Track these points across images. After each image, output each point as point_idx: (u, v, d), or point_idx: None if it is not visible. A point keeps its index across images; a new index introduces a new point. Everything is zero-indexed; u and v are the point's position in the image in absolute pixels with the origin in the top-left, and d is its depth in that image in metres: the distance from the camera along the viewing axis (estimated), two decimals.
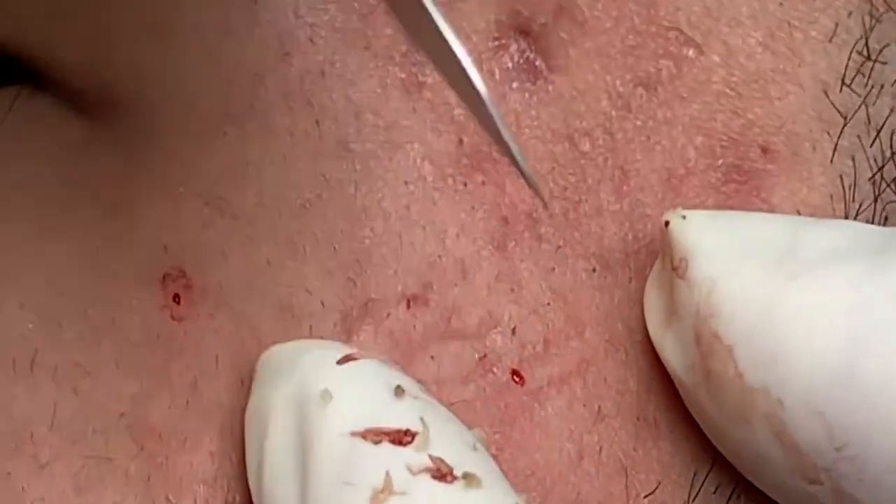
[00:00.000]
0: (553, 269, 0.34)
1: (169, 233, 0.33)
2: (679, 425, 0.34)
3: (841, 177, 0.35)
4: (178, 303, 0.33)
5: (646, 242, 0.35)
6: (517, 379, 0.33)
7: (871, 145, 0.35)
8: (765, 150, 0.34)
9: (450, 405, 0.32)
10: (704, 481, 0.34)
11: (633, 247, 0.35)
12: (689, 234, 0.32)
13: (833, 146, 0.35)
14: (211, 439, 0.32)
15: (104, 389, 0.32)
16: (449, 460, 0.28)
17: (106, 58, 0.32)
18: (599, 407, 0.33)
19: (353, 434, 0.29)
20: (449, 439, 0.29)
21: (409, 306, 0.33)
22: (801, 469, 0.30)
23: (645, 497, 0.33)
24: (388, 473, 0.27)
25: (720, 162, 0.34)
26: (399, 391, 0.29)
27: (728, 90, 0.35)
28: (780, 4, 0.35)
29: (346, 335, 0.33)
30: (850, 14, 0.34)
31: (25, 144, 0.33)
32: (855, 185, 0.35)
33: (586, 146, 0.34)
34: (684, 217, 0.33)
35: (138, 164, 0.33)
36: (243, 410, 0.32)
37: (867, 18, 0.34)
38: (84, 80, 0.32)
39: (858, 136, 0.35)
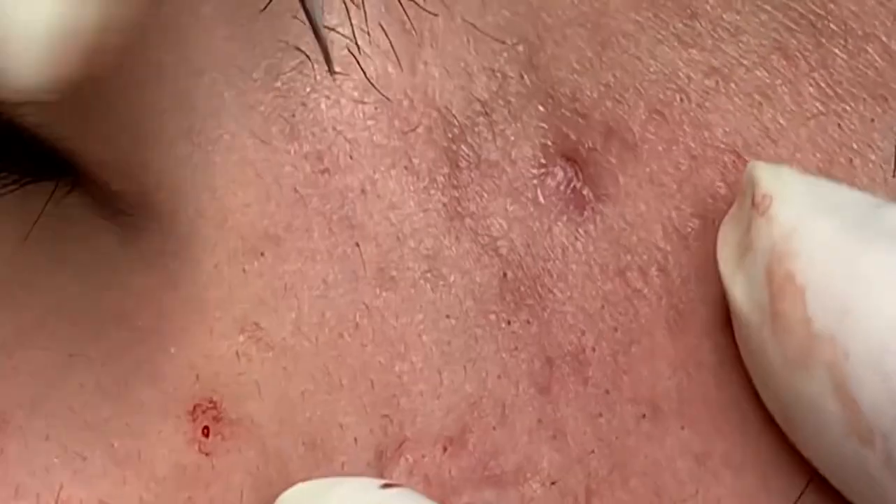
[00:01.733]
0: (600, 414, 0.33)
1: (201, 361, 0.32)
2: None
3: None
4: (207, 436, 0.32)
5: (700, 390, 0.33)
6: None
7: None
8: None
9: None
10: None
11: (686, 393, 0.33)
12: (776, 175, 0.31)
13: None
14: None
15: None
16: None
17: (144, 160, 0.32)
18: None
19: None
20: None
21: (445, 449, 0.32)
22: (856, 428, 0.30)
23: None
24: None
25: None
26: None
27: None
28: (839, 126, 0.33)
29: (379, 474, 0.32)
30: None
31: (57, 250, 0.33)
32: None
33: (639, 283, 0.33)
34: (770, 165, 0.32)
35: (173, 284, 0.32)
36: None
37: None
38: (122, 182, 0.32)
39: None
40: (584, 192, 0.33)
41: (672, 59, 0.33)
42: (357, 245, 0.32)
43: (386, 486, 0.30)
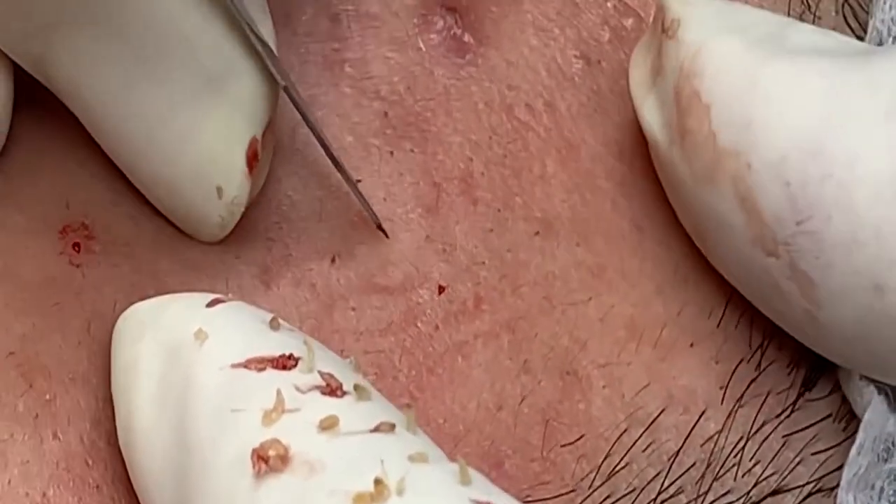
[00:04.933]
0: (491, 230, 0.32)
1: (72, 190, 0.32)
2: (615, 381, 0.32)
3: None
4: (78, 251, 0.31)
5: (596, 210, 0.33)
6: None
7: None
8: None
9: (365, 354, 0.31)
10: (637, 441, 0.32)
11: (582, 213, 0.33)
12: (677, 4, 0.32)
13: None
14: (98, 381, 0.31)
15: None
16: (343, 379, 0.27)
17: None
18: (526, 360, 0.32)
19: (234, 366, 0.28)
20: (331, 362, 0.28)
21: (333, 261, 0.32)
22: (761, 239, 0.30)
23: (563, 447, 0.32)
24: (279, 391, 0.26)
25: None
26: (275, 323, 0.29)
27: None
28: None
29: (265, 287, 0.32)
30: None
31: None
32: None
33: (527, 117, 0.33)
34: None
35: (48, 131, 0.32)
36: None
37: None
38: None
39: None
40: (465, 38, 0.33)
41: None
42: None
43: (213, 302, 0.29)
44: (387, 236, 0.32)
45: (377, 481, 0.24)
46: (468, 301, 0.32)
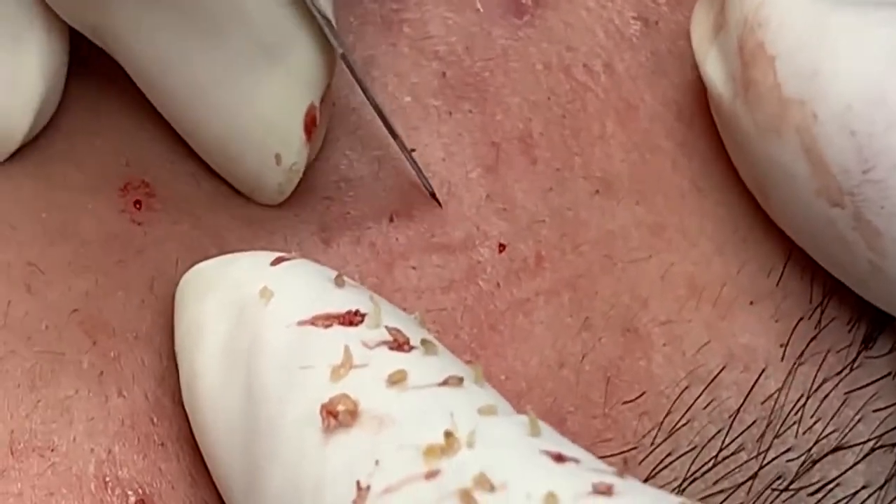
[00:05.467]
0: (550, 189, 0.32)
1: (130, 149, 0.32)
2: (675, 339, 0.32)
3: None
4: (139, 208, 0.32)
5: (656, 169, 0.33)
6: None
7: None
8: None
9: (427, 312, 0.31)
10: (698, 398, 0.32)
11: (641, 172, 0.33)
12: None
13: None
14: (162, 340, 0.31)
15: (57, 287, 0.31)
16: (409, 334, 0.27)
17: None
18: (587, 318, 0.32)
19: (301, 323, 0.28)
20: (397, 318, 0.28)
21: (391, 220, 0.32)
22: (826, 189, 0.30)
23: (624, 404, 0.32)
24: (347, 347, 0.26)
25: None
26: (339, 280, 0.29)
27: None
28: None
29: (325, 245, 0.32)
30: None
31: None
32: None
33: (585, 78, 0.33)
34: None
35: (106, 90, 0.32)
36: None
37: None
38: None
39: None
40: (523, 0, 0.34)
41: None
42: None
43: (277, 260, 0.29)
44: (440, 205, 0.32)
45: (447, 434, 0.24)
46: (529, 259, 0.32)
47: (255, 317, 0.28)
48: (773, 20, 0.31)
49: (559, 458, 0.24)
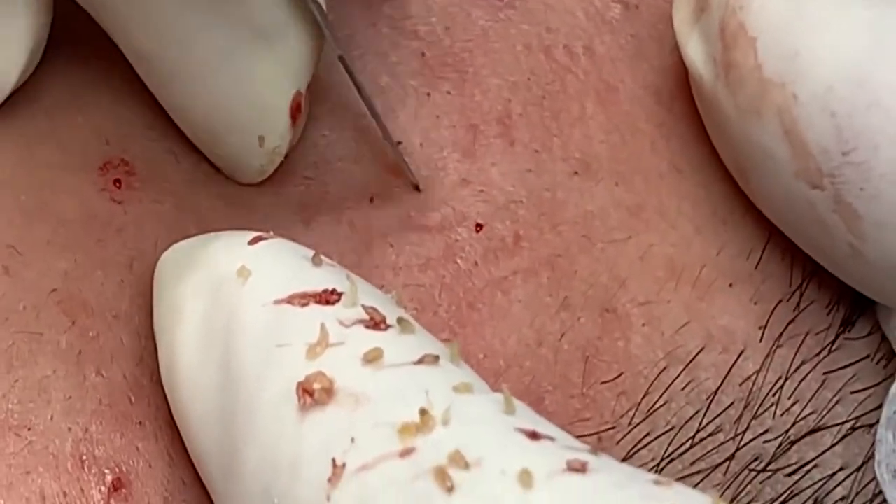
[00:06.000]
0: (529, 170, 0.32)
1: (110, 127, 0.32)
2: (654, 319, 0.32)
3: None
4: (119, 187, 0.31)
5: (636, 151, 0.33)
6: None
7: None
8: None
9: (404, 287, 0.31)
10: (676, 379, 0.32)
11: (620, 154, 0.33)
12: None
13: None
14: (140, 319, 0.31)
15: (35, 267, 0.31)
16: (385, 312, 0.27)
17: None
18: (566, 297, 0.32)
19: (278, 302, 0.28)
20: (374, 297, 0.28)
21: (371, 200, 0.32)
22: (806, 171, 0.30)
23: (603, 384, 0.32)
24: (323, 325, 0.26)
25: None
26: (317, 259, 0.29)
27: None
28: None
29: (304, 224, 0.32)
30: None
31: None
32: None
33: (565, 59, 0.33)
34: None
35: (87, 65, 0.32)
36: None
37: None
38: None
39: None
40: None
41: None
42: None
43: (254, 240, 0.29)
44: (419, 191, 0.32)
45: (422, 412, 0.24)
46: (507, 238, 0.32)
47: (233, 296, 0.28)
48: (755, 2, 0.31)
49: (534, 436, 0.24)
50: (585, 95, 0.33)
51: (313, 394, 0.25)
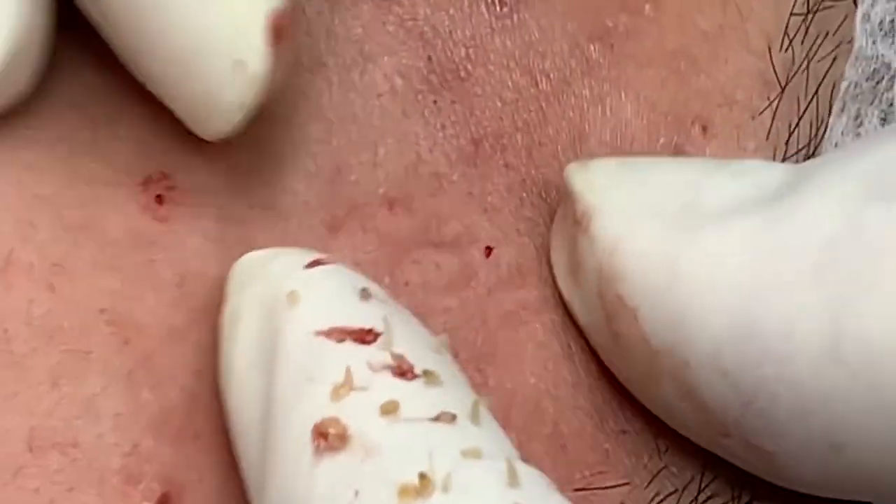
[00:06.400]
0: (522, 197, 0.34)
1: (150, 138, 0.32)
2: None
3: (775, 148, 0.35)
4: (161, 203, 0.31)
5: None
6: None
7: (807, 108, 0.35)
8: (705, 129, 0.35)
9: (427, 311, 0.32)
10: None
11: None
12: (591, 185, 0.32)
13: (773, 113, 0.35)
14: (199, 334, 0.31)
15: (82, 286, 0.30)
16: (415, 360, 0.28)
17: None
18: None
19: (318, 333, 0.28)
20: (412, 341, 0.28)
21: (391, 208, 0.33)
22: (712, 425, 0.30)
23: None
24: (349, 369, 0.27)
25: (661, 141, 0.35)
26: (365, 294, 0.29)
27: (679, 53, 0.35)
28: None
29: (333, 232, 0.32)
30: None
31: None
32: (785, 154, 0.35)
33: (546, 86, 0.34)
34: (587, 166, 0.32)
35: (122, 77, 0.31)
36: None
37: None
38: None
39: (798, 98, 0.35)
40: None
41: None
42: None
43: (313, 263, 0.30)
44: None
45: (421, 476, 0.25)
46: (513, 268, 0.33)
47: (281, 319, 0.29)
48: (629, 270, 0.30)
49: None
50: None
51: (327, 437, 0.26)
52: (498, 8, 0.34)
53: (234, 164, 0.32)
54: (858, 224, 0.27)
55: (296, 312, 0.28)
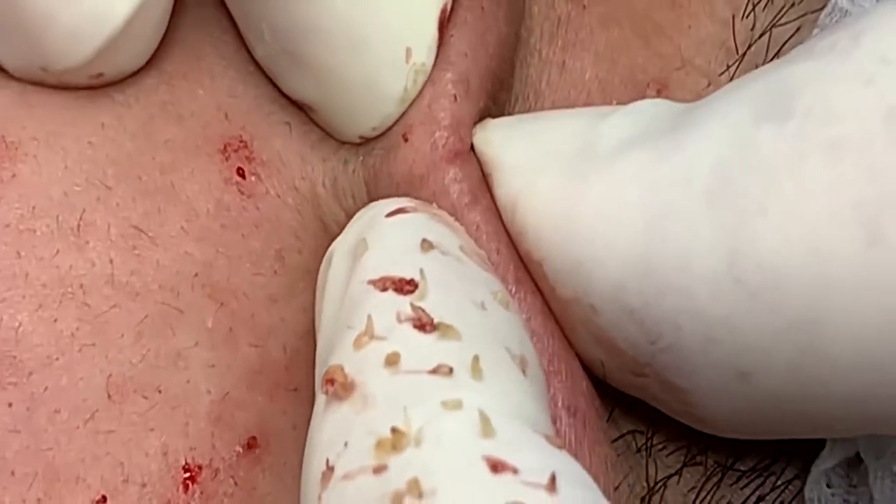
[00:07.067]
0: None
1: (229, 101, 0.33)
2: None
3: None
4: (243, 176, 0.32)
5: None
6: None
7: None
8: (659, 92, 0.35)
9: None
10: None
11: None
12: (490, 146, 0.32)
13: (730, 79, 0.35)
14: (307, 297, 0.32)
15: (170, 252, 0.31)
16: (443, 314, 0.27)
17: None
18: None
19: (370, 282, 0.28)
20: (452, 294, 0.28)
21: None
22: (626, 366, 0.30)
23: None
24: (370, 318, 0.27)
25: (615, 103, 0.35)
26: (426, 245, 0.29)
27: (645, 16, 0.35)
28: None
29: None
30: None
31: None
32: None
33: (534, 42, 0.35)
34: (485, 125, 0.32)
35: (208, 32, 0.33)
36: None
37: None
38: None
39: (756, 66, 0.34)
40: None
41: None
42: None
43: (394, 211, 0.30)
44: None
45: (393, 430, 0.25)
46: None
47: (349, 266, 0.29)
48: (529, 225, 0.30)
49: (495, 468, 0.24)
50: None
51: (334, 384, 0.26)
52: None
53: (311, 127, 0.33)
54: (748, 145, 0.27)
55: (360, 261, 0.29)
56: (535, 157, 0.31)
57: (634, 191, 0.29)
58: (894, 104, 0.26)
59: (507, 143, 0.31)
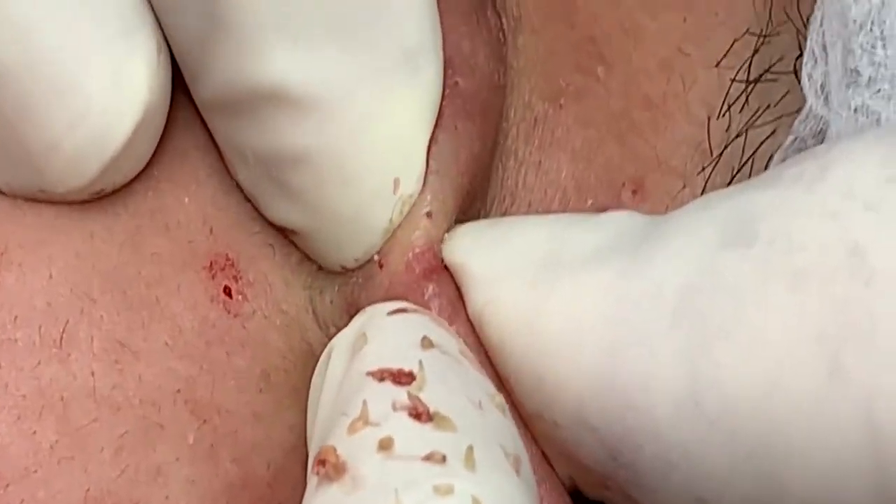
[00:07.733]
0: None
1: (216, 216, 0.32)
2: None
3: None
4: (230, 296, 0.32)
5: None
6: None
7: (738, 173, 0.35)
8: (635, 193, 0.35)
9: None
10: None
11: None
12: (457, 255, 0.32)
13: (705, 181, 0.35)
14: (292, 415, 0.32)
15: (153, 367, 0.31)
16: (439, 405, 0.28)
17: None
18: None
19: (368, 373, 0.28)
20: (449, 388, 0.28)
21: None
22: (591, 479, 0.30)
23: None
24: (365, 403, 0.27)
25: (590, 202, 0.35)
26: (426, 343, 0.29)
27: (622, 116, 0.35)
28: (684, 20, 0.35)
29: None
30: (745, 32, 0.34)
31: None
32: None
33: (510, 144, 0.35)
34: (455, 232, 0.32)
35: (194, 135, 0.33)
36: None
37: (757, 40, 0.34)
38: None
39: (732, 168, 0.35)
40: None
41: None
42: None
43: (396, 311, 0.30)
44: None
45: None
46: None
47: (347, 359, 0.29)
48: (494, 338, 0.30)
49: None
50: None
51: (325, 465, 0.26)
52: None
53: (291, 255, 0.33)
54: (713, 270, 0.27)
55: (359, 354, 0.29)
56: (499, 268, 0.30)
57: (597, 307, 0.28)
58: (858, 240, 0.26)
59: (474, 251, 0.31)
